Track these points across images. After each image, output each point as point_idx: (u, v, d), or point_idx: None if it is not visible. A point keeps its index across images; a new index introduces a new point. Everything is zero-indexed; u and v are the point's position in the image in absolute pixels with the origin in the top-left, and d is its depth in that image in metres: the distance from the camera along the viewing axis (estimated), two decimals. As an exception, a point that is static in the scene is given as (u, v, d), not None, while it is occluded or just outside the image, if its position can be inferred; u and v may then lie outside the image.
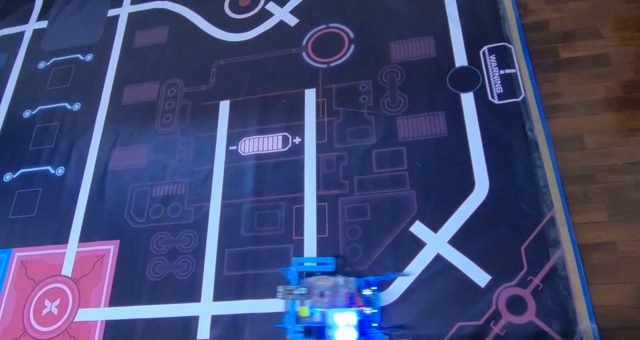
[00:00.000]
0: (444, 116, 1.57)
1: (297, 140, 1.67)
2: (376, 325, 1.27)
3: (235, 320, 1.45)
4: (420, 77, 1.66)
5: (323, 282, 1.30)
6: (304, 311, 1.29)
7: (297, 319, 1.29)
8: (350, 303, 1.26)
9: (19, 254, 1.74)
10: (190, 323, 1.48)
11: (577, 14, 1.63)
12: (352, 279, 1.32)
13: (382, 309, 1.35)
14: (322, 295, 1.28)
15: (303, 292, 1.30)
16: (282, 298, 1.33)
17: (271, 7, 1.97)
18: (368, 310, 1.27)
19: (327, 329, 1.23)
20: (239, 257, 1.53)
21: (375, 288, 1.32)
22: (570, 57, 1.57)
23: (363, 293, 1.30)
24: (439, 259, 1.38)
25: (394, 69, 1.70)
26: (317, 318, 1.28)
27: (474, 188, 1.44)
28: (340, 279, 1.31)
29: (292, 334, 1.29)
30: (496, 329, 1.26)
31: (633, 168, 1.37)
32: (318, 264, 1.37)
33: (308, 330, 1.28)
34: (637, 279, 1.25)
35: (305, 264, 1.39)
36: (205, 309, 1.49)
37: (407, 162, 1.53)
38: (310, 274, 1.37)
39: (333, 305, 1.26)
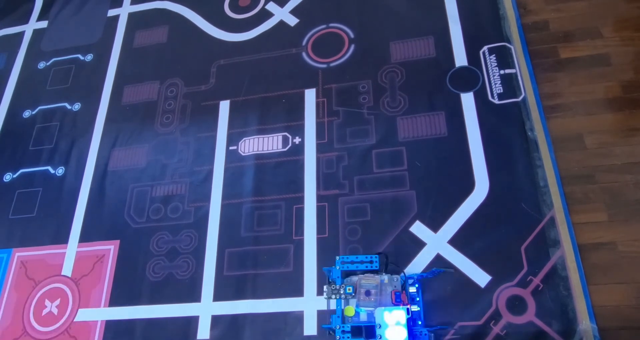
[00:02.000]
0: (444, 116, 1.57)
1: (297, 140, 1.67)
2: (420, 323, 1.26)
3: (235, 320, 1.45)
4: (420, 77, 1.66)
5: (368, 281, 1.28)
6: (350, 310, 1.26)
7: (343, 319, 1.27)
8: (397, 301, 1.24)
9: (19, 254, 1.74)
10: (190, 323, 1.48)
11: (577, 14, 1.63)
12: (396, 276, 1.29)
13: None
14: (368, 294, 1.26)
15: (350, 291, 1.27)
16: (328, 298, 1.30)
17: (271, 7, 1.98)
18: (415, 308, 1.26)
19: (377, 328, 1.20)
20: (239, 257, 1.53)
21: (417, 286, 1.30)
22: (570, 57, 1.57)
23: (409, 291, 1.28)
24: (439, 259, 1.38)
25: (394, 69, 1.70)
26: (362, 317, 1.26)
27: (474, 188, 1.44)
28: (385, 277, 1.28)
29: (340, 334, 1.25)
30: (496, 329, 1.26)
31: (633, 168, 1.37)
32: (363, 262, 1.33)
33: (355, 330, 1.25)
34: (637, 279, 1.25)
35: (350, 262, 1.35)
36: (205, 309, 1.49)
37: (407, 162, 1.53)
38: (350, 273, 1.33)
39: (380, 304, 1.24)
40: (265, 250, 1.52)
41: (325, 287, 1.31)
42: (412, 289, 1.29)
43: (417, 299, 1.28)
